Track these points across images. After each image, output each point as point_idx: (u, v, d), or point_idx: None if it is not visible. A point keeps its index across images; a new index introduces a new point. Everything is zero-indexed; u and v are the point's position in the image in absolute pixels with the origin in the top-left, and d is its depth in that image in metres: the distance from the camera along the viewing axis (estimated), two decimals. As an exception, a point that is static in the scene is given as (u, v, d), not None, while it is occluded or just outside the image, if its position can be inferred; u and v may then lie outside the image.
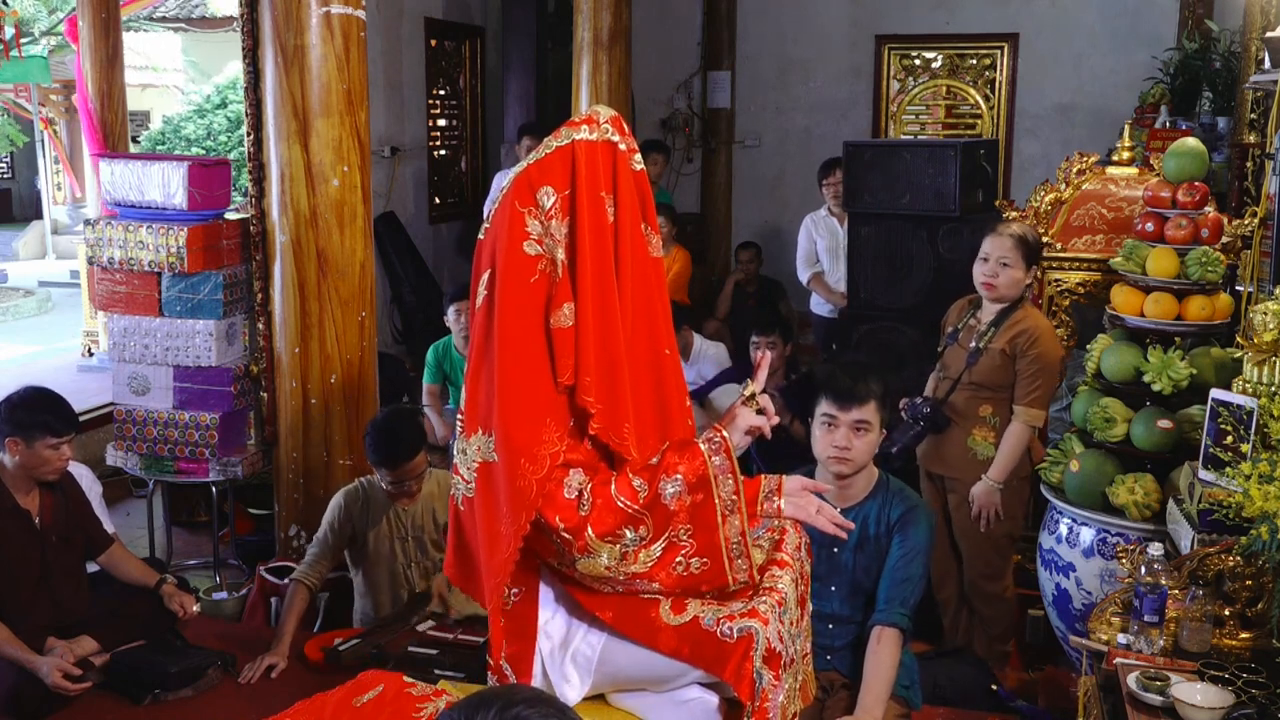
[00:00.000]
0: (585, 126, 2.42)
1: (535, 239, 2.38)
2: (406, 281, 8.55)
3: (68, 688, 3.64)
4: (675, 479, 2.38)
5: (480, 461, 2.43)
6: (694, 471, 2.39)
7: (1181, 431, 3.87)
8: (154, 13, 14.39)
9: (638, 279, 2.45)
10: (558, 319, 2.37)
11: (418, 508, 4.18)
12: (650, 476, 2.39)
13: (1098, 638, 3.12)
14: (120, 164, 5.06)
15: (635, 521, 2.38)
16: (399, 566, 4.21)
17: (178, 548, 5.54)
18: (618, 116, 2.47)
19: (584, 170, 2.38)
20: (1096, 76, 9.06)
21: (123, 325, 5.04)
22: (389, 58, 8.43)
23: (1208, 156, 4.26)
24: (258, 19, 4.43)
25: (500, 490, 2.38)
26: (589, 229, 2.37)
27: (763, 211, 10.03)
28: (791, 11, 9.84)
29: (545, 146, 2.43)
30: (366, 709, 2.59)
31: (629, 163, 2.45)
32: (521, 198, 2.40)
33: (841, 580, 3.31)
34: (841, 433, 3.26)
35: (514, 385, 2.37)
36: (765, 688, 2.41)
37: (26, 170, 19.65)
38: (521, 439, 2.35)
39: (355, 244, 4.49)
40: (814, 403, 3.36)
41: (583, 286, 2.37)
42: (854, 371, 3.32)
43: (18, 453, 3.80)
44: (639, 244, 2.46)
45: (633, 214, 2.44)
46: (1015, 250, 4.30)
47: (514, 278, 2.38)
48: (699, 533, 2.41)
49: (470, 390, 2.48)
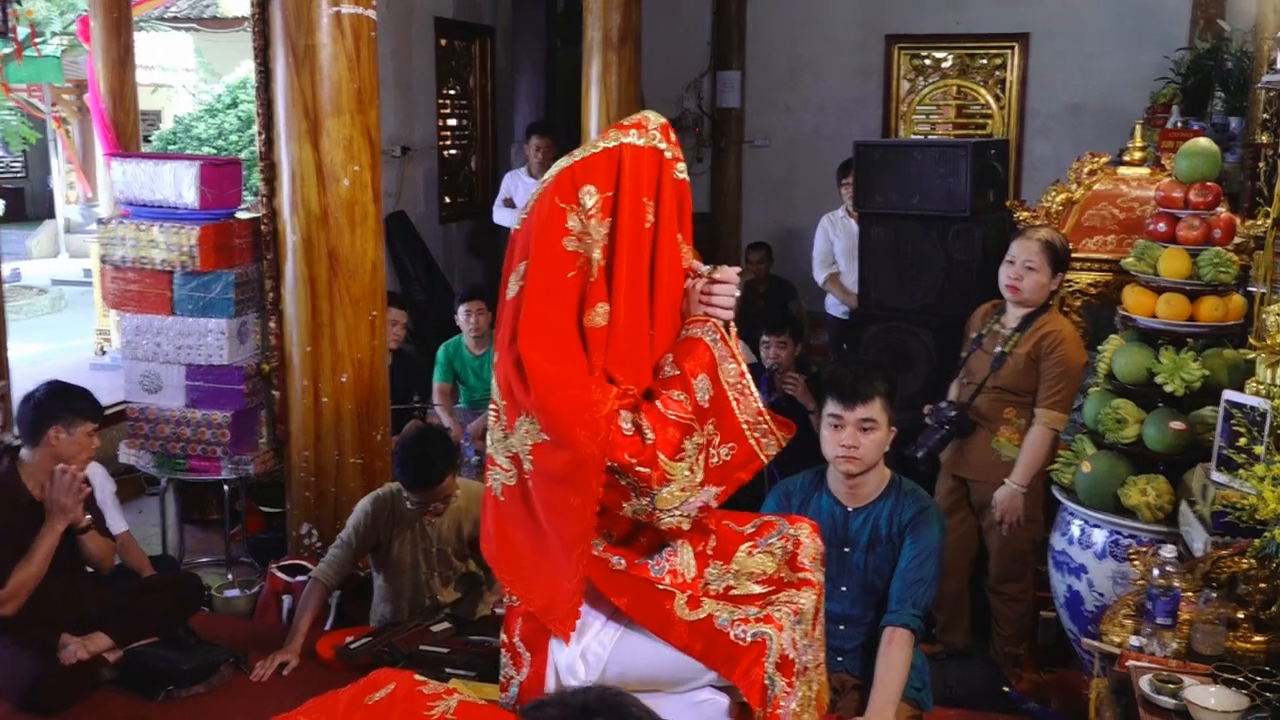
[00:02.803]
0: (634, 131, 2.42)
1: (575, 235, 2.39)
2: (417, 280, 8.57)
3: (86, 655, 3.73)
4: (701, 378, 2.41)
5: (534, 444, 2.41)
6: (702, 365, 2.42)
7: (1194, 433, 3.85)
8: (165, 13, 14.40)
9: (670, 287, 2.46)
10: (591, 318, 2.38)
11: (445, 520, 4.18)
12: (682, 385, 2.41)
13: (1110, 640, 3.11)
14: (132, 163, 5.07)
15: (689, 430, 2.39)
16: (421, 576, 4.22)
17: (190, 545, 5.55)
18: (667, 124, 2.48)
19: (629, 174, 2.38)
20: (1107, 76, 9.03)
21: (135, 324, 5.05)
22: (399, 57, 8.44)
23: (1220, 157, 4.25)
24: (268, 19, 4.44)
25: (561, 464, 2.37)
26: (628, 232, 2.38)
27: (772, 211, 10.02)
28: (801, 11, 9.83)
29: (592, 146, 2.44)
30: (378, 707, 2.59)
31: (673, 171, 2.45)
32: (563, 194, 2.40)
33: (853, 581, 3.31)
34: (848, 432, 3.25)
35: (547, 366, 2.36)
36: (777, 694, 2.41)
37: (39, 169, 19.70)
38: (569, 412, 2.34)
39: (366, 243, 4.50)
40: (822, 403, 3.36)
41: (617, 290, 2.38)
42: (858, 370, 3.31)
43: (59, 441, 3.85)
44: (674, 252, 2.47)
45: (671, 222, 2.44)
46: (1041, 254, 4.30)
47: (549, 270, 2.38)
48: (721, 420, 2.43)
49: (504, 381, 2.46)
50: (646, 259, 2.41)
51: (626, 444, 2.35)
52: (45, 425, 3.86)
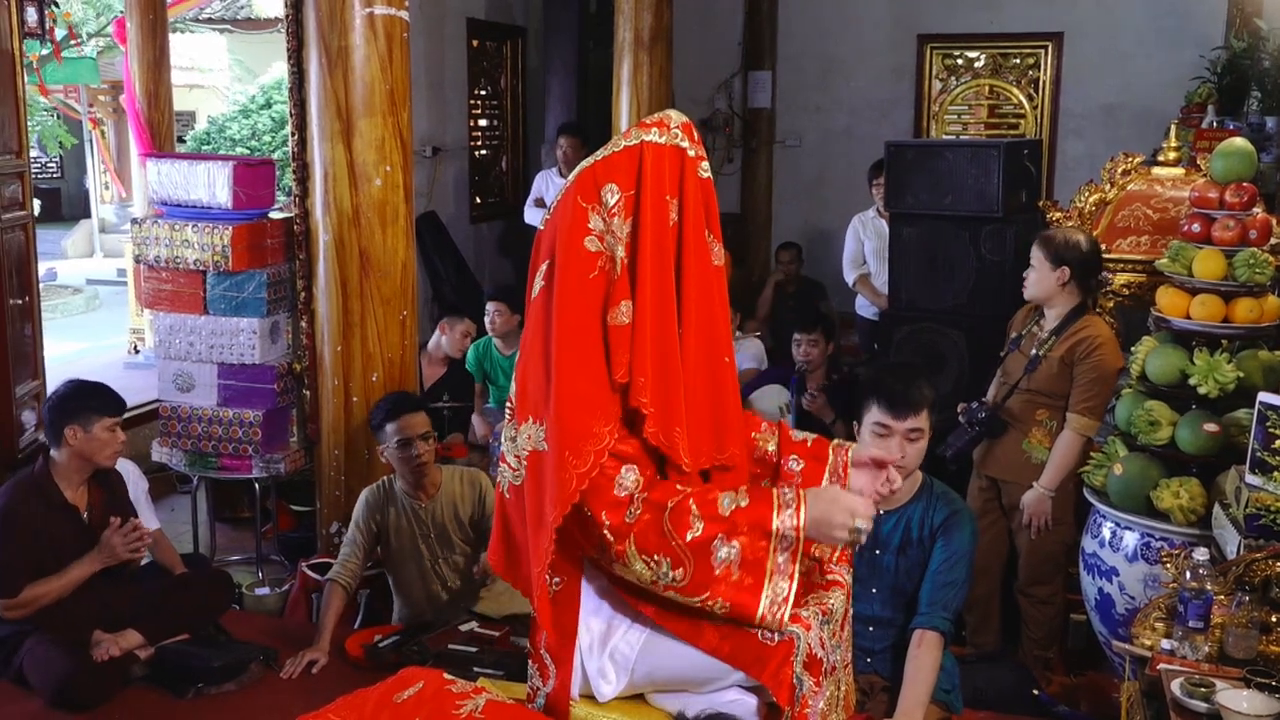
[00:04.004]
0: (656, 129, 2.43)
1: (596, 235, 2.39)
2: (447, 281, 8.60)
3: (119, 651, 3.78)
4: (733, 545, 2.35)
5: (531, 450, 2.43)
6: (748, 537, 2.36)
7: (1228, 435, 3.82)
8: (200, 14, 14.53)
9: (700, 284, 2.44)
10: (615, 316, 2.38)
11: (437, 505, 4.22)
12: (710, 519, 2.35)
13: (1141, 643, 3.09)
14: (167, 164, 5.11)
15: (676, 561, 2.36)
16: (426, 563, 4.24)
17: (221, 543, 5.60)
18: (689, 123, 2.48)
19: (650, 172, 2.39)
20: (1142, 76, 8.96)
21: (168, 323, 5.09)
22: (431, 58, 8.47)
23: (1256, 157, 4.20)
24: (302, 20, 4.47)
25: (546, 480, 2.38)
26: (651, 230, 2.38)
27: (803, 212, 9.99)
28: (833, 11, 9.80)
29: (613, 144, 2.45)
30: (406, 705, 2.60)
31: (696, 169, 2.45)
32: (585, 193, 2.41)
33: (883, 583, 3.29)
34: (895, 442, 3.19)
35: (568, 378, 2.37)
36: (805, 694, 2.41)
37: (75, 170, 19.90)
38: (571, 432, 2.35)
39: (397, 243, 4.52)
40: (861, 406, 3.30)
41: (641, 287, 2.37)
42: (906, 377, 3.25)
43: (76, 440, 3.88)
44: (702, 250, 2.45)
45: (697, 220, 2.44)
46: (1038, 251, 4.32)
47: (573, 272, 2.39)
48: (738, 595, 2.38)
49: (521, 379, 2.49)
50: (671, 257, 2.41)
51: (610, 503, 2.36)
52: (61, 426, 3.89)
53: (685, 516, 2.35)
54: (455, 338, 6.24)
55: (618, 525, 2.36)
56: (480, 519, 4.22)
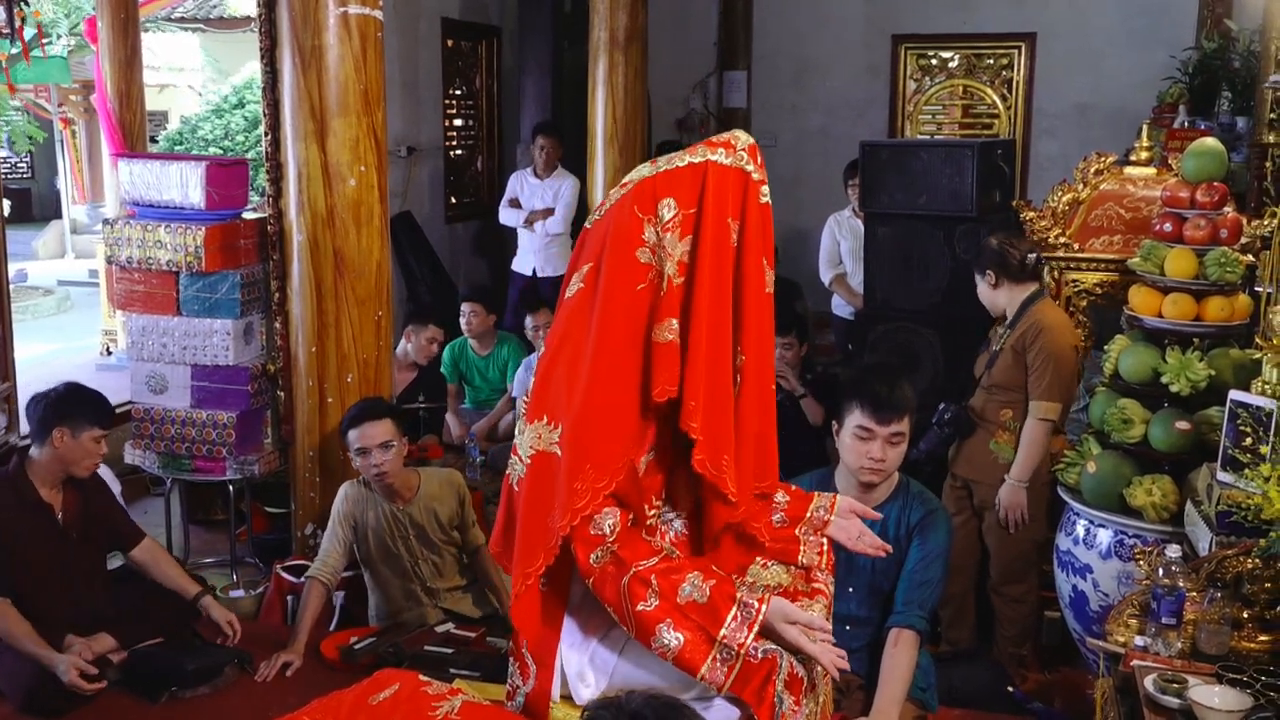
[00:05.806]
0: (722, 150, 2.41)
1: (649, 247, 2.37)
2: (423, 281, 8.57)
3: (83, 686, 3.66)
4: (678, 636, 2.36)
5: (537, 450, 2.41)
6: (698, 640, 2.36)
7: (1200, 433, 3.85)
8: (172, 13, 14.45)
9: (756, 310, 2.42)
10: (659, 333, 2.35)
11: (416, 508, 4.21)
12: (664, 597, 2.36)
13: (1115, 640, 3.11)
14: (139, 164, 5.08)
15: (622, 619, 2.39)
16: (406, 564, 4.23)
17: (195, 546, 5.56)
18: (755, 145, 2.46)
19: (713, 192, 2.36)
20: (1114, 76, 9.01)
21: (141, 324, 5.06)
22: (406, 58, 8.44)
23: (1227, 156, 4.24)
24: (275, 19, 4.44)
25: (558, 486, 2.37)
26: (710, 251, 2.35)
27: (779, 211, 9.76)
28: (808, 11, 9.82)
29: (678, 158, 2.42)
30: (382, 707, 2.59)
31: (758, 194, 2.43)
32: (642, 204, 2.38)
33: (859, 582, 3.30)
34: (877, 445, 3.19)
35: (602, 389, 2.35)
36: (785, 712, 2.40)
37: (46, 170, 19.72)
38: (595, 443, 2.33)
39: (372, 244, 4.50)
40: (841, 409, 3.29)
41: (697, 309, 2.34)
42: (888, 380, 3.24)
43: (62, 444, 3.85)
44: (759, 276, 2.43)
45: (756, 245, 2.41)
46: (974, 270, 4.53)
47: (623, 282, 2.37)
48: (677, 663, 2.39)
49: (543, 377, 2.46)
50: (729, 280, 2.38)
51: (581, 539, 2.38)
52: (51, 425, 3.86)
53: (643, 589, 2.36)
54: (420, 343, 6.20)
55: (583, 563, 2.38)
56: (460, 519, 4.23)
